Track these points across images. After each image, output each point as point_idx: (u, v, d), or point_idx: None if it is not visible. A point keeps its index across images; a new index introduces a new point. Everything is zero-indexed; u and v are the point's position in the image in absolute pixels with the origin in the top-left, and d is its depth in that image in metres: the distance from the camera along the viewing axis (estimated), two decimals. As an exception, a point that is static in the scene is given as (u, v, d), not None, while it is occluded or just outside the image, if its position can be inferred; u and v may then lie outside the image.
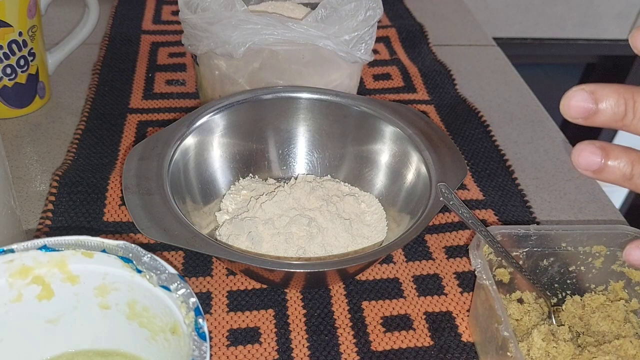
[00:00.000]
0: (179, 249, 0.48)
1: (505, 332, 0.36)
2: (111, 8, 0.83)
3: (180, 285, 0.29)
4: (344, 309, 0.45)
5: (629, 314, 0.44)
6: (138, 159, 0.45)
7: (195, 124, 0.49)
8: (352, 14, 0.53)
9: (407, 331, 0.44)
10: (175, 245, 0.39)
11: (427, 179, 0.47)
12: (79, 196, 0.52)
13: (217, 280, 0.47)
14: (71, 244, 0.30)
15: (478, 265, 0.40)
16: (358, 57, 0.54)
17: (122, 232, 0.50)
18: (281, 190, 0.49)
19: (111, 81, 0.68)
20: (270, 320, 0.44)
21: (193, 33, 0.53)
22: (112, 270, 0.30)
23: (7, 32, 0.57)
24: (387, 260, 0.49)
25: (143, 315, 0.31)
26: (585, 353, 0.40)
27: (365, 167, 0.53)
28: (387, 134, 0.51)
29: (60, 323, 0.32)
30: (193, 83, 0.69)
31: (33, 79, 0.62)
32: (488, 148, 0.62)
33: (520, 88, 0.75)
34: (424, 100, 0.69)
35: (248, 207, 0.49)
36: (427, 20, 0.85)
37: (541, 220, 0.55)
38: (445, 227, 0.53)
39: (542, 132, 0.67)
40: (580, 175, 0.61)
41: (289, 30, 0.51)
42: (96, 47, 0.74)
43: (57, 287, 0.31)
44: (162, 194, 0.43)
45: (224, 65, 0.54)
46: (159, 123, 0.62)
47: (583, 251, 0.44)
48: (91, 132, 0.60)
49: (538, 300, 0.45)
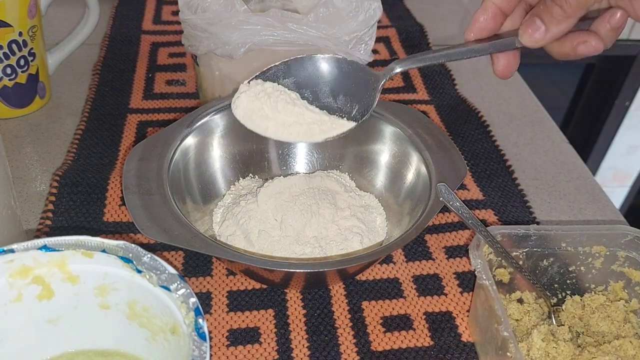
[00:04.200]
0: (179, 249, 0.48)
1: (505, 332, 0.36)
2: (111, 8, 0.83)
3: (180, 285, 0.29)
4: (344, 309, 0.45)
5: (629, 314, 0.44)
6: (138, 159, 0.45)
7: (195, 124, 0.49)
8: (352, 14, 0.53)
9: (407, 331, 0.44)
10: (175, 245, 0.39)
11: (427, 179, 0.47)
12: (79, 196, 0.52)
13: (217, 280, 0.47)
14: (71, 244, 0.30)
15: (478, 265, 0.40)
16: (358, 58, 0.54)
17: (122, 232, 0.50)
18: (277, 178, 0.50)
19: (111, 81, 0.68)
20: (270, 320, 0.44)
21: (193, 33, 0.53)
22: (112, 270, 0.30)
23: (7, 32, 0.57)
24: (387, 260, 0.49)
25: (143, 315, 0.31)
26: (585, 353, 0.40)
27: (365, 167, 0.53)
28: (387, 134, 0.51)
29: (60, 323, 0.32)
30: (193, 83, 0.69)
31: (33, 79, 0.62)
32: (488, 148, 0.62)
33: (520, 88, 0.75)
34: (424, 100, 0.69)
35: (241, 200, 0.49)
36: (427, 20, 0.85)
37: (541, 220, 0.55)
38: (445, 227, 0.53)
39: (542, 133, 0.67)
40: (580, 175, 0.61)
41: (289, 31, 0.51)
42: (96, 47, 0.74)
43: (57, 287, 0.31)
44: (162, 194, 0.43)
45: (224, 65, 0.54)
46: (159, 123, 0.62)
47: (583, 251, 0.44)
48: (91, 132, 0.60)
49: (538, 301, 0.45)
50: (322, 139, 0.44)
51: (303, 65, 0.44)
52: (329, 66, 0.44)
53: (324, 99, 0.45)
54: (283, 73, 0.44)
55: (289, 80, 0.45)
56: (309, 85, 0.45)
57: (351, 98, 0.45)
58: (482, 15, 0.39)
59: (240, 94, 0.44)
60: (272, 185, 0.49)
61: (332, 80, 0.45)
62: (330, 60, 0.44)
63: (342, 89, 0.45)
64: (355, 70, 0.44)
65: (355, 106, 0.45)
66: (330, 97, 0.45)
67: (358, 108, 0.45)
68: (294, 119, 0.44)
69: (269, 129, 0.44)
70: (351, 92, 0.45)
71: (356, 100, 0.45)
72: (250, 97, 0.44)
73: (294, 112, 0.44)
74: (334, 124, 0.44)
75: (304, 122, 0.44)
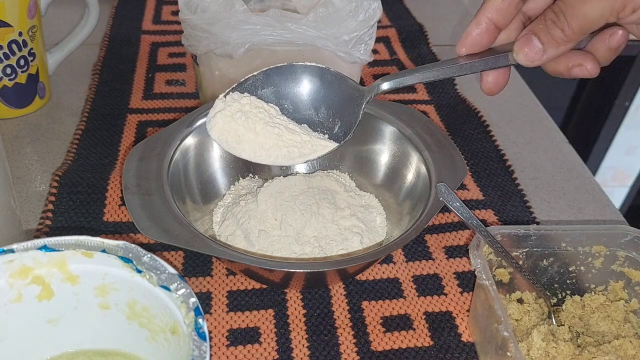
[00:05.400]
0: (179, 249, 0.48)
1: (505, 332, 0.36)
2: (111, 8, 0.83)
3: (180, 285, 0.29)
4: (344, 309, 0.45)
5: (629, 314, 0.44)
6: (138, 159, 0.45)
7: (195, 124, 0.49)
8: (351, 14, 0.53)
9: (407, 331, 0.44)
10: (175, 245, 0.39)
11: (427, 179, 0.47)
12: (79, 196, 0.52)
13: (217, 280, 0.47)
14: (71, 244, 0.30)
15: (478, 265, 0.40)
16: (357, 58, 0.54)
17: (122, 232, 0.50)
18: (277, 178, 0.50)
19: (111, 81, 0.68)
20: (270, 320, 0.44)
21: (193, 33, 0.53)
22: (112, 270, 0.30)
23: (7, 32, 0.57)
24: (387, 260, 0.49)
25: (143, 315, 0.31)
26: (585, 353, 0.40)
27: (365, 167, 0.53)
28: (387, 134, 0.51)
29: (60, 323, 0.32)
30: (193, 83, 0.69)
31: (33, 79, 0.62)
32: (488, 148, 0.62)
33: (520, 88, 0.75)
34: (424, 100, 0.69)
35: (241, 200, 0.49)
36: (427, 20, 0.85)
37: (541, 220, 0.55)
38: (445, 227, 0.53)
39: (542, 132, 0.67)
40: (580, 175, 0.61)
41: (288, 31, 0.51)
42: (96, 47, 0.74)
43: (57, 287, 0.31)
44: (162, 194, 0.43)
45: (224, 65, 0.54)
46: (159, 123, 0.62)
47: (583, 251, 0.44)
48: (91, 132, 0.60)
49: (538, 300, 0.45)
50: (302, 161, 0.42)
51: (283, 74, 0.42)
52: (311, 76, 0.42)
53: (304, 111, 0.43)
54: (262, 83, 0.42)
55: (268, 90, 0.42)
56: (289, 96, 0.42)
57: (334, 112, 0.42)
58: (474, 29, 0.37)
59: (215, 114, 0.41)
60: (272, 185, 0.49)
61: (314, 91, 0.42)
62: (313, 70, 0.42)
63: (325, 101, 0.42)
64: (339, 81, 0.42)
65: (337, 122, 0.42)
66: (311, 109, 0.43)
67: (340, 125, 0.42)
68: (273, 141, 0.41)
69: (246, 151, 0.42)
70: (334, 105, 0.42)
71: (339, 115, 0.42)
72: (226, 117, 0.41)
73: (272, 133, 0.41)
74: (314, 145, 0.42)
75: (283, 145, 0.41)
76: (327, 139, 0.43)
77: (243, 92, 0.42)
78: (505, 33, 0.38)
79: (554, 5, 0.33)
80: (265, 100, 0.42)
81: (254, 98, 0.42)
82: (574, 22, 0.32)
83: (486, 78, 0.39)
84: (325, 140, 0.42)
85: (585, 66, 0.35)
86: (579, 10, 0.32)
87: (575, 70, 0.35)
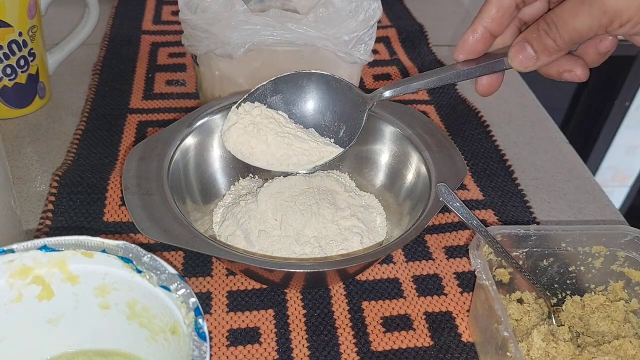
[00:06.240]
0: (179, 249, 0.48)
1: (505, 332, 0.36)
2: (111, 8, 0.83)
3: (180, 285, 0.29)
4: (344, 309, 0.45)
5: (629, 314, 0.44)
6: (138, 159, 0.45)
7: (195, 124, 0.49)
8: (351, 14, 0.53)
9: (407, 331, 0.44)
10: (175, 245, 0.39)
11: (427, 179, 0.47)
12: (79, 196, 0.52)
13: (217, 280, 0.47)
14: (71, 244, 0.30)
15: (478, 265, 0.40)
16: (357, 58, 0.54)
17: (122, 232, 0.50)
18: (277, 178, 0.50)
19: (111, 81, 0.68)
20: (270, 320, 0.44)
21: (193, 33, 0.53)
22: (112, 270, 0.30)
23: (7, 32, 0.57)
24: (387, 260, 0.49)
25: (143, 315, 0.31)
26: (585, 353, 0.40)
27: (365, 167, 0.53)
28: (387, 134, 0.51)
29: (60, 323, 0.32)
30: (193, 83, 0.69)
31: (33, 79, 0.62)
32: (488, 148, 0.62)
33: (520, 88, 0.75)
34: (424, 100, 0.69)
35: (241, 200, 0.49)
36: (427, 21, 0.85)
37: (541, 220, 0.55)
38: (445, 227, 0.53)
39: (542, 133, 0.67)
40: (580, 175, 0.61)
41: (289, 31, 0.51)
42: (96, 47, 0.74)
43: (57, 287, 0.31)
44: (162, 194, 0.43)
45: (224, 65, 0.54)
46: (159, 123, 0.62)
47: (583, 251, 0.44)
48: (91, 132, 0.60)
49: (538, 301, 0.45)
50: (310, 167, 0.46)
51: (291, 82, 0.45)
52: (317, 83, 0.45)
53: (312, 116, 0.46)
54: (271, 91, 0.46)
55: (277, 97, 0.46)
56: (297, 102, 0.46)
57: (339, 117, 0.46)
58: (471, 37, 0.39)
59: (230, 127, 0.45)
60: (272, 185, 0.49)
61: (320, 98, 0.46)
62: (319, 77, 0.45)
63: (330, 107, 0.46)
64: (343, 88, 0.45)
65: (342, 126, 0.46)
66: (318, 114, 0.46)
67: (345, 129, 0.46)
68: (283, 150, 0.45)
69: (259, 161, 0.46)
70: (339, 111, 0.46)
71: (344, 120, 0.46)
72: (239, 130, 0.45)
73: (283, 143, 0.45)
74: (321, 152, 0.46)
75: (292, 154, 0.45)
76: (332, 144, 0.46)
77: (254, 101, 0.46)
78: (501, 38, 0.40)
79: (547, 16, 0.35)
80: (275, 107, 0.46)
81: (264, 107, 0.46)
82: (565, 34, 0.34)
83: (480, 81, 0.41)
84: (331, 145, 0.46)
85: (575, 72, 0.37)
86: (570, 24, 0.34)
87: (565, 75, 0.38)
